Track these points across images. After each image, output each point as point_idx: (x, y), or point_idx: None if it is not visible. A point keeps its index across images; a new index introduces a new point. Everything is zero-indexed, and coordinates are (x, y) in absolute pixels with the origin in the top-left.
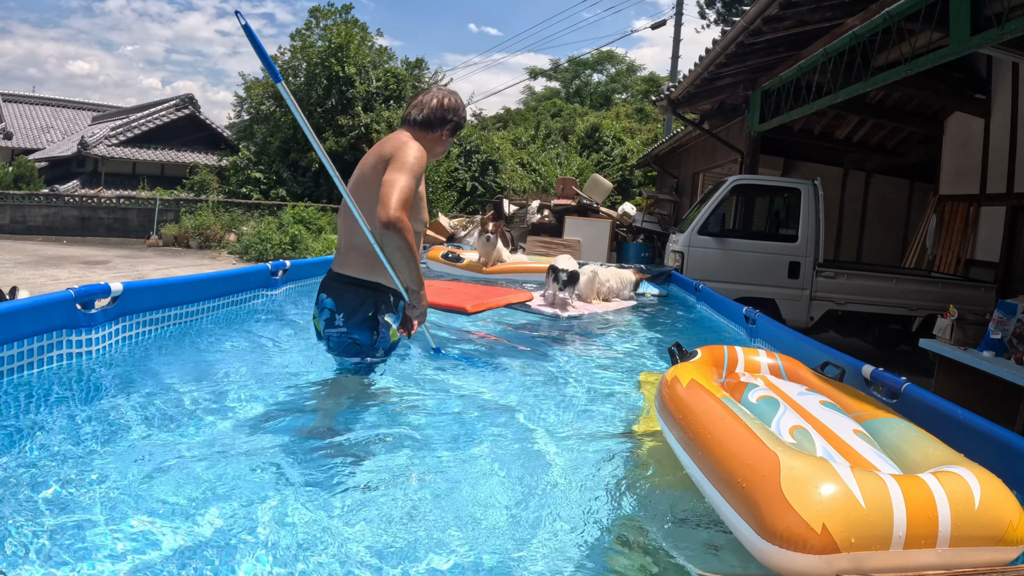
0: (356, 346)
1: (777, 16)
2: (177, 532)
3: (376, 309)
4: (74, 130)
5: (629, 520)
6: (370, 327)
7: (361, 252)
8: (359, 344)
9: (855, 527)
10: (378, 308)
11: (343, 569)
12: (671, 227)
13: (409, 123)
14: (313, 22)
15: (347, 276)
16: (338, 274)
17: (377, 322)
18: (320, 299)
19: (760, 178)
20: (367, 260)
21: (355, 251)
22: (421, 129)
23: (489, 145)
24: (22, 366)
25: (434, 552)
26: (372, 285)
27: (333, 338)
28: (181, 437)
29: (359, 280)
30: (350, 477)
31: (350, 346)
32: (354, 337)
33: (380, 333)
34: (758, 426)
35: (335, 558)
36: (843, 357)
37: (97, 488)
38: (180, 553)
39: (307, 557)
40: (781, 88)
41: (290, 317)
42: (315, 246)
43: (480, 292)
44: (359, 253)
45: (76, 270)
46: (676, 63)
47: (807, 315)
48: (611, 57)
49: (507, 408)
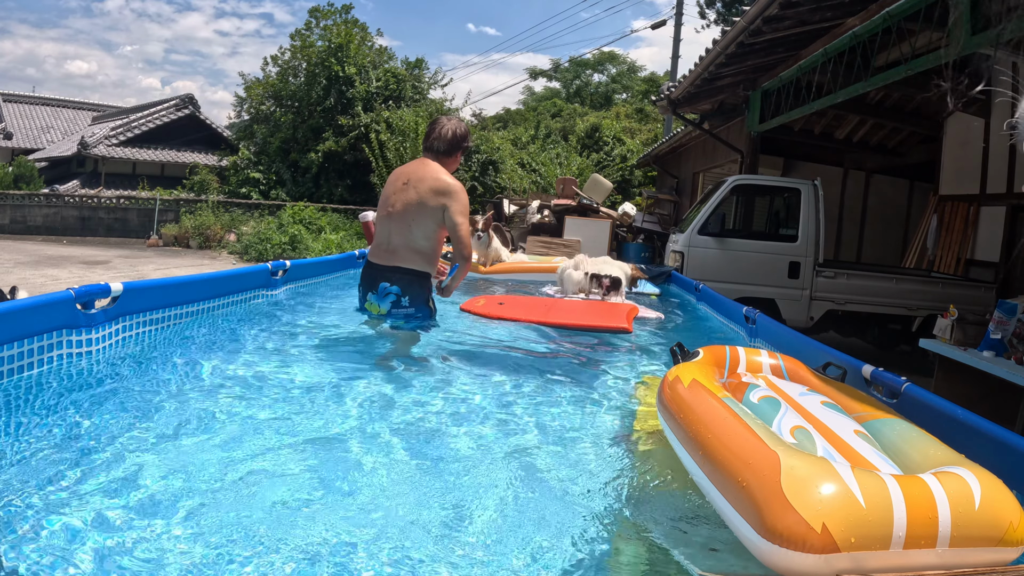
0: (417, 319)
1: (777, 16)
2: (177, 532)
3: (431, 292)
4: (74, 130)
5: (629, 520)
6: (428, 304)
7: (419, 252)
8: (420, 317)
9: (855, 527)
10: (430, 289)
11: (320, 564)
12: (671, 227)
13: (435, 152)
14: (313, 22)
15: (409, 269)
16: (399, 267)
17: (432, 300)
18: (382, 287)
19: (760, 178)
20: (424, 258)
21: (412, 251)
22: (446, 156)
23: (489, 145)
24: (22, 366)
25: (431, 551)
26: (427, 275)
27: (400, 315)
28: (181, 437)
29: (420, 272)
30: (353, 476)
31: (412, 318)
32: (417, 313)
33: (434, 307)
34: (759, 426)
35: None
36: (843, 357)
37: (97, 488)
38: (180, 552)
39: (309, 557)
40: (781, 88)
41: (290, 317)
42: (315, 246)
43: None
44: (416, 252)
45: (76, 270)
46: (676, 63)
47: (807, 315)
48: (612, 57)
49: (504, 407)
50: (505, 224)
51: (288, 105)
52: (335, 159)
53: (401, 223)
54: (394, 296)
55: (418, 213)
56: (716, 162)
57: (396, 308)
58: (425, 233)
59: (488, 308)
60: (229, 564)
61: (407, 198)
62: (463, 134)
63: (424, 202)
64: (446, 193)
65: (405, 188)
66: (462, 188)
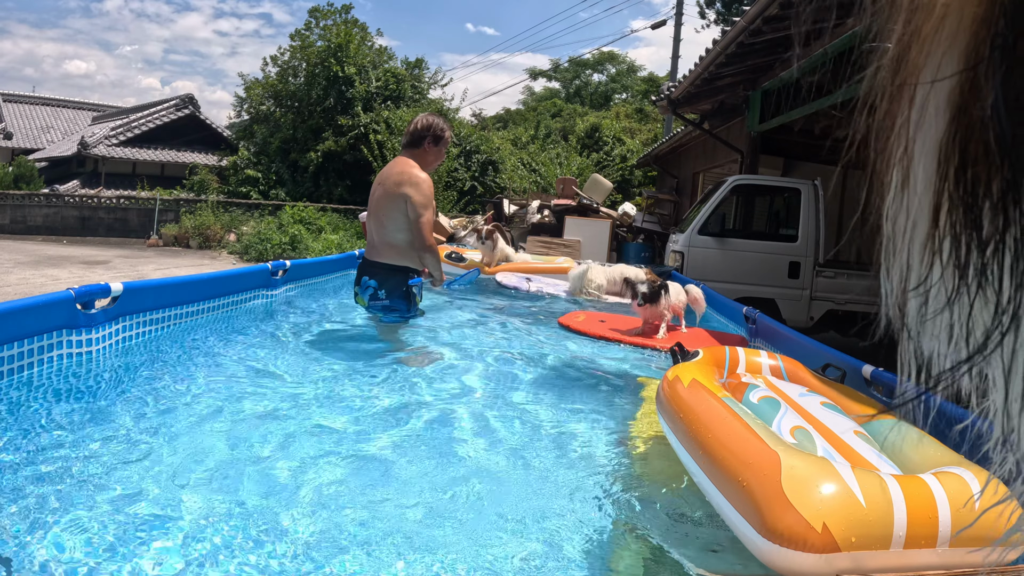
0: (395, 311)
1: (777, 16)
2: (177, 531)
3: (406, 284)
4: (74, 130)
5: (629, 520)
6: (405, 297)
7: (393, 246)
8: (398, 309)
9: (855, 526)
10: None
11: (351, 561)
12: (671, 227)
13: (404, 147)
14: (313, 22)
15: (383, 263)
16: (376, 262)
17: (411, 293)
18: (363, 280)
19: (760, 178)
20: (398, 251)
21: (387, 245)
22: (414, 148)
23: (489, 145)
24: (22, 366)
25: (431, 550)
26: (403, 268)
27: (377, 307)
28: (181, 437)
29: (393, 265)
30: (357, 477)
31: (390, 311)
32: (395, 305)
33: (411, 299)
34: (759, 426)
35: (340, 552)
36: (843, 357)
37: (97, 488)
38: (181, 551)
39: (311, 557)
40: (781, 88)
41: (290, 317)
42: (315, 246)
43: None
44: (390, 246)
45: (76, 270)
46: (676, 63)
47: (807, 315)
48: (612, 57)
49: (504, 407)
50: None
51: (288, 105)
52: (335, 159)
53: (376, 220)
54: (371, 289)
55: (387, 207)
56: (716, 162)
57: (374, 301)
58: (397, 226)
59: (588, 325)
60: (230, 551)
61: (378, 195)
62: (425, 125)
63: (390, 195)
64: (408, 183)
65: (379, 186)
66: (425, 179)
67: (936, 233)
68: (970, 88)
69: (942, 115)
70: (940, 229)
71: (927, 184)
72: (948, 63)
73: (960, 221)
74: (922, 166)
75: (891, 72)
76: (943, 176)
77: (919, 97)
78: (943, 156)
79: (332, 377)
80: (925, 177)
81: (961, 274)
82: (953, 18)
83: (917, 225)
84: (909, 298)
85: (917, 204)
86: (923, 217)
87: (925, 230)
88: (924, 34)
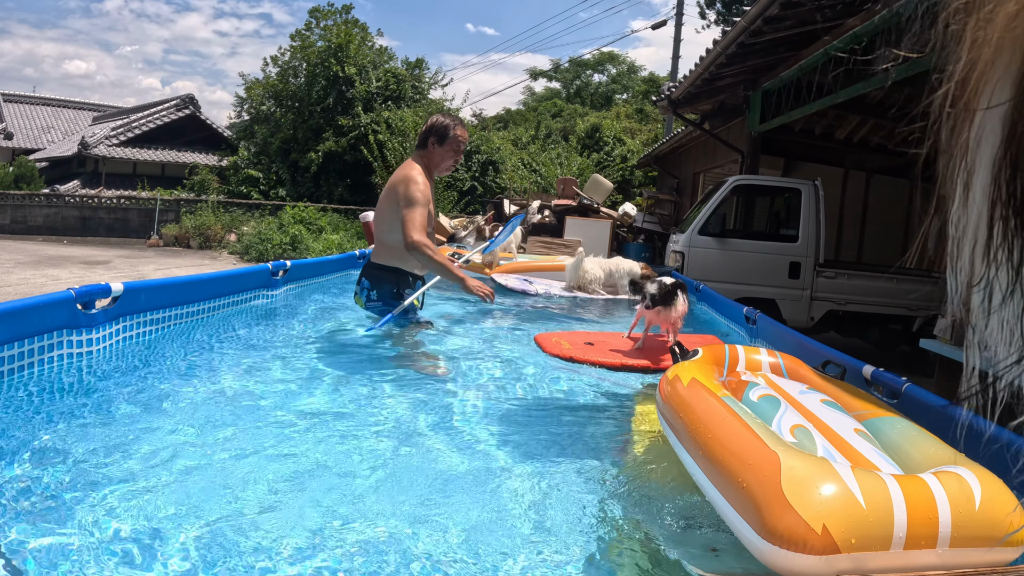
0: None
1: (778, 16)
2: (178, 532)
3: (397, 286)
4: (75, 130)
5: (629, 520)
6: (396, 299)
7: (386, 246)
8: (389, 311)
9: (855, 527)
10: (399, 285)
11: (349, 562)
12: (671, 227)
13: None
14: (313, 22)
15: (377, 264)
16: (372, 263)
17: (401, 295)
18: (361, 281)
19: (761, 178)
20: (390, 252)
21: (382, 245)
22: (421, 148)
23: (489, 145)
24: (23, 366)
25: (431, 550)
26: (394, 269)
27: (372, 308)
28: (181, 437)
29: (385, 266)
30: (359, 476)
31: (383, 312)
32: (385, 307)
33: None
34: (759, 425)
35: (339, 551)
36: (844, 357)
37: (97, 488)
38: (181, 551)
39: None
40: (781, 88)
41: (290, 317)
42: (315, 246)
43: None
44: (384, 247)
45: (77, 270)
46: (676, 63)
47: (808, 315)
48: (612, 58)
49: (503, 406)
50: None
51: (288, 105)
52: (335, 159)
53: (376, 220)
54: (365, 291)
55: (383, 207)
56: (716, 162)
57: (369, 302)
58: (390, 227)
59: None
60: (227, 552)
61: (380, 196)
62: (429, 125)
63: (386, 194)
64: (400, 181)
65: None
66: (416, 176)
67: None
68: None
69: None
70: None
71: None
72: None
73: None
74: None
75: (954, 98)
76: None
77: (977, 119)
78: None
79: (332, 378)
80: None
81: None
82: (1007, 52)
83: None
84: (972, 294)
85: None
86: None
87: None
88: (983, 65)
